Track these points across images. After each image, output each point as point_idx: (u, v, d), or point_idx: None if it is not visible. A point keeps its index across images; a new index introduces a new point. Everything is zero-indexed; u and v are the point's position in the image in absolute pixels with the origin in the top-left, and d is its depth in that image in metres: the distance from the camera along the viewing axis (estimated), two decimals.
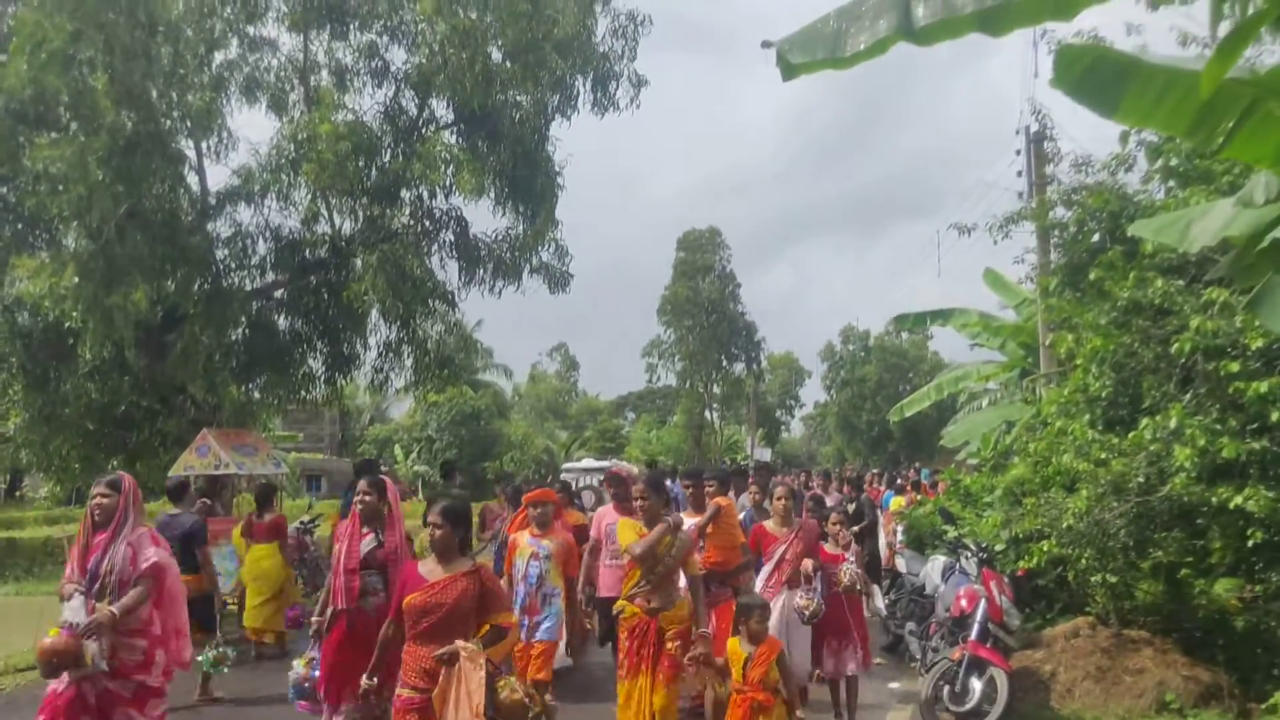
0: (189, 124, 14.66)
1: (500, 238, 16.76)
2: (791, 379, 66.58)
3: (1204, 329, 7.47)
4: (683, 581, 6.40)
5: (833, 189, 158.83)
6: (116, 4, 12.64)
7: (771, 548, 7.60)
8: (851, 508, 12.46)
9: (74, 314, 12.97)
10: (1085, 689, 8.12)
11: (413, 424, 45.75)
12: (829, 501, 11.62)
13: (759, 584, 7.52)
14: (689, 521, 7.18)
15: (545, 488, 9.14)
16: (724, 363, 51.77)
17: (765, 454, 53.31)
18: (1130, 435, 7.91)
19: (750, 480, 13.52)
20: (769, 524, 7.76)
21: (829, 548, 7.83)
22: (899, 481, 19.81)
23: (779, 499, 7.75)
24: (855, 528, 10.89)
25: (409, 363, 17.44)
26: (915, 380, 46.87)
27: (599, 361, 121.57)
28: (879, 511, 15.84)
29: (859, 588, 7.64)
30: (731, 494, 9.45)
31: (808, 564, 7.39)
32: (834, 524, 8.03)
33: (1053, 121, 14.17)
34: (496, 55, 15.22)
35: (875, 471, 24.41)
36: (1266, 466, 7.14)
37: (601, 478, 16.65)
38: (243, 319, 15.78)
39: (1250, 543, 7.07)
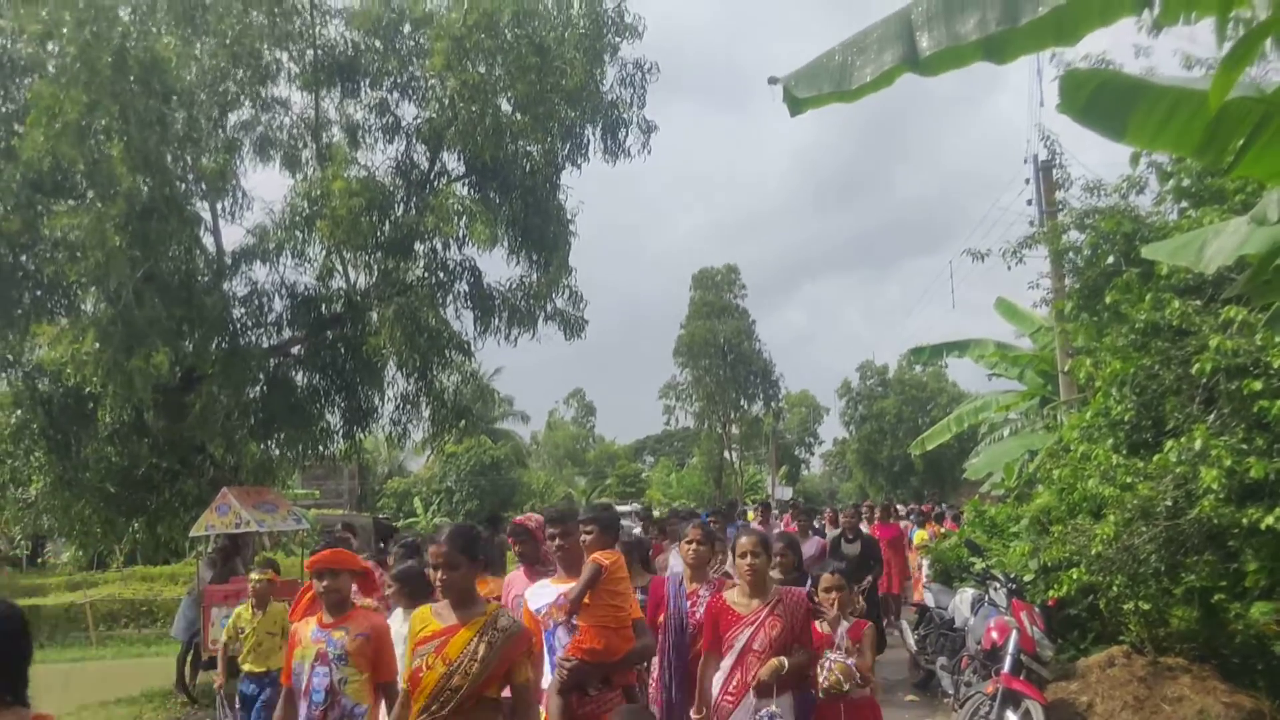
0: (203, 186, 14.86)
1: (514, 286, 16.86)
2: (809, 416, 66.36)
3: (1224, 348, 7.40)
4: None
5: (843, 228, 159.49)
6: (131, 73, 12.86)
7: (732, 632, 5.08)
8: (853, 549, 11.71)
9: (94, 379, 13.06)
10: (1124, 719, 7.98)
11: (431, 476, 45.75)
12: (810, 546, 10.51)
13: (715, 687, 5.08)
14: (549, 590, 5.10)
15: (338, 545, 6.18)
16: (742, 402, 51.69)
17: (787, 492, 53.01)
18: (1155, 458, 7.83)
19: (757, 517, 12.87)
20: (731, 595, 5.24)
21: (821, 626, 5.43)
22: (929, 514, 19.72)
23: (744, 553, 5.15)
24: (861, 586, 10.33)
25: (426, 414, 17.46)
26: (934, 413, 46.61)
27: (616, 406, 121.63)
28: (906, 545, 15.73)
29: (854, 684, 5.17)
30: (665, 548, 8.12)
31: (774, 665, 4.92)
32: (826, 590, 5.56)
33: (1061, 148, 14.20)
34: (506, 107, 15.42)
35: (897, 505, 24.06)
36: None
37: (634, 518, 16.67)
38: (260, 377, 15.86)
39: None
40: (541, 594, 5.13)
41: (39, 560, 36.40)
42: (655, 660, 5.73)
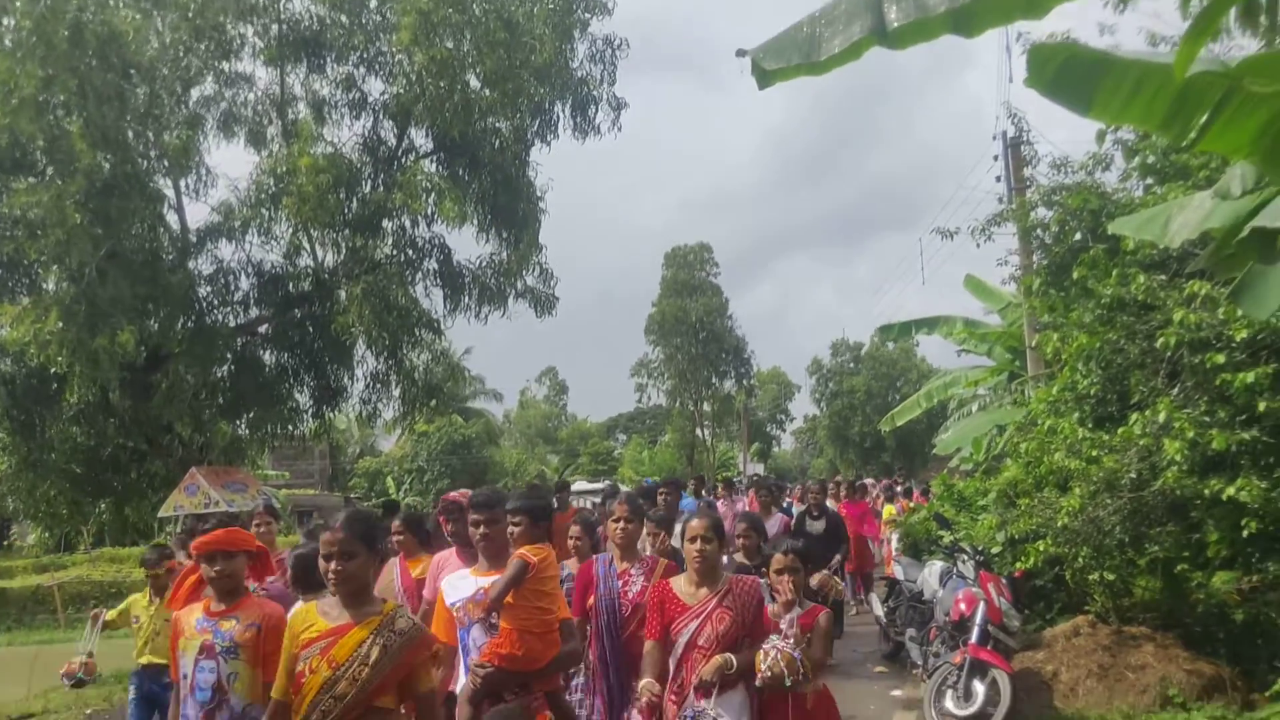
0: (166, 163, 14.68)
1: (484, 264, 16.81)
2: (780, 394, 66.65)
3: (1188, 322, 7.49)
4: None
5: (814, 206, 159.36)
6: (88, 47, 12.65)
7: (678, 625, 4.50)
8: (818, 525, 11.17)
9: (59, 358, 12.91)
10: (1088, 687, 8.10)
11: (403, 455, 45.58)
12: (773, 524, 9.97)
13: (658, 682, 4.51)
14: (468, 582, 4.52)
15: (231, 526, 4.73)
16: (714, 380, 51.82)
17: (758, 469, 53.29)
18: (1120, 431, 7.92)
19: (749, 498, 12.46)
20: (678, 583, 4.65)
21: (771, 611, 4.69)
22: (897, 489, 19.88)
23: (693, 537, 4.58)
24: (832, 566, 9.92)
25: (397, 393, 17.42)
26: (904, 389, 46.94)
27: (588, 384, 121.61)
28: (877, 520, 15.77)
29: (796, 679, 4.36)
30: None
31: (717, 663, 4.35)
32: (778, 571, 4.76)
33: (1028, 125, 14.29)
34: (475, 83, 15.30)
35: (870, 481, 24.12)
36: (1257, 456, 7.15)
37: (598, 499, 16.49)
38: (228, 356, 15.74)
39: (1245, 534, 7.07)
40: (460, 586, 4.55)
41: (5, 543, 36.05)
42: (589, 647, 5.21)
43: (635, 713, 4.64)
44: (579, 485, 35.15)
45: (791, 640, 4.49)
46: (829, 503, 13.22)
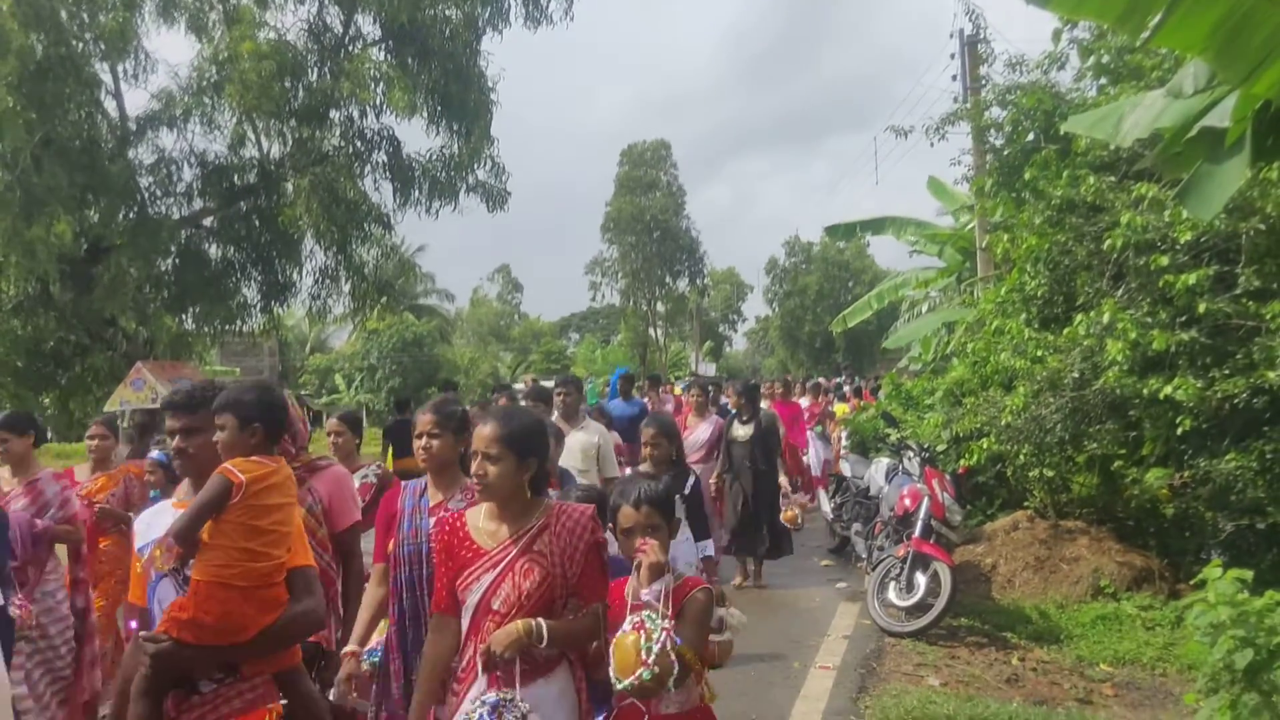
0: (103, 46, 14.07)
1: (435, 157, 16.43)
2: (734, 294, 66.80)
3: (1134, 224, 7.58)
4: None
5: (770, 104, 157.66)
6: None
7: (467, 578, 3.03)
8: (745, 431, 9.50)
9: None
10: (1025, 579, 8.40)
11: (354, 353, 45.23)
12: (704, 429, 9.57)
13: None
14: (165, 517, 3.21)
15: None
16: (667, 279, 51.74)
17: (710, 369, 53.68)
18: (1065, 331, 8.06)
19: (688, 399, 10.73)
20: (474, 516, 3.14)
21: (629, 585, 3.10)
22: (845, 390, 20.09)
23: (475, 451, 3.06)
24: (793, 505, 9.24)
25: (346, 289, 17.18)
26: (856, 290, 47.19)
27: (542, 284, 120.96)
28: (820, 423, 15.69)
29: (672, 677, 2.85)
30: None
31: (513, 632, 2.85)
32: (626, 530, 3.21)
33: (986, 22, 14.11)
34: None
35: (823, 380, 24.13)
36: (1194, 357, 7.32)
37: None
38: (172, 248, 15.39)
39: (1180, 431, 7.28)
40: (154, 524, 3.24)
41: None
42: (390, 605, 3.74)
43: None
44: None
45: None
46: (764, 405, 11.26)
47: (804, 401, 16.10)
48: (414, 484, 3.88)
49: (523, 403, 7.73)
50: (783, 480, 9.50)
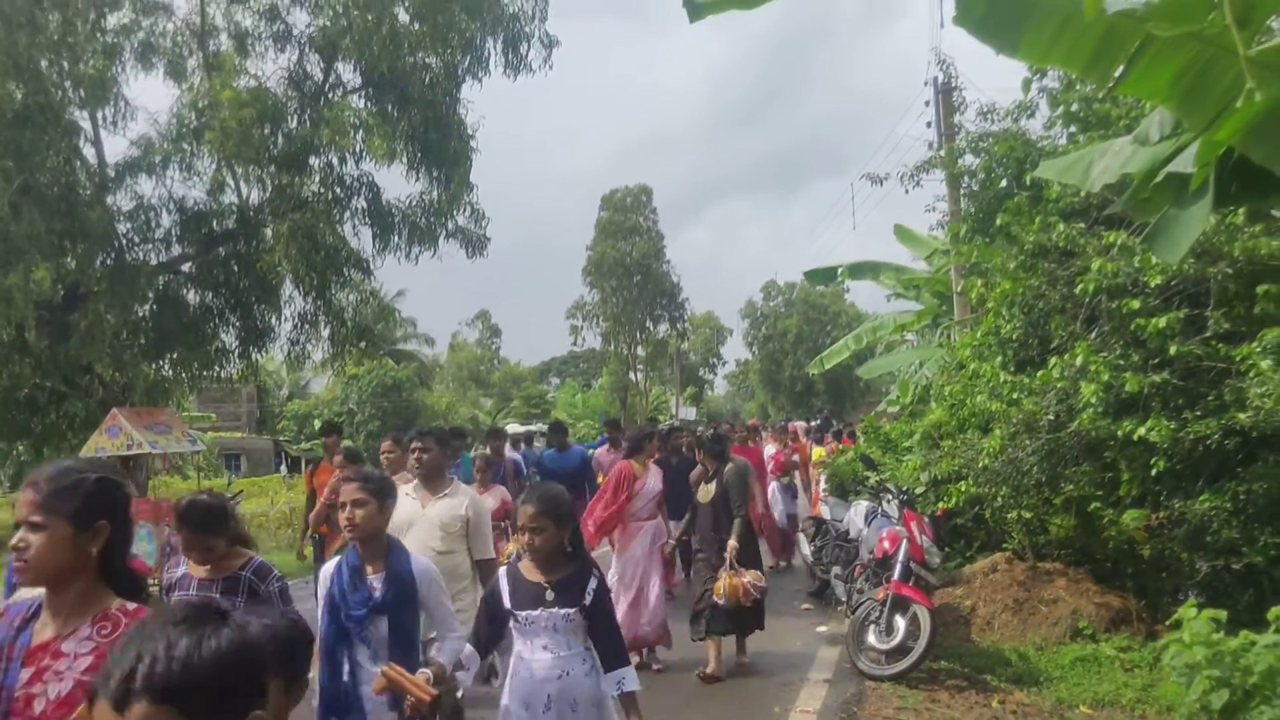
0: (82, 93, 14.11)
1: (414, 203, 16.49)
2: (713, 337, 67.01)
3: (1105, 269, 7.70)
4: None
5: (750, 152, 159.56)
6: None
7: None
8: (709, 490, 8.18)
9: None
10: (1004, 621, 8.41)
11: (333, 398, 45.03)
12: (645, 484, 8.36)
13: None
14: None
15: None
16: (648, 324, 51.90)
17: (690, 413, 53.69)
18: (1040, 374, 8.13)
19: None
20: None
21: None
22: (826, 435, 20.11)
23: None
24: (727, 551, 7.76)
25: (326, 334, 17.12)
26: (835, 333, 47.47)
27: (522, 329, 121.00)
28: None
29: None
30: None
31: None
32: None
33: (957, 71, 14.41)
34: (404, 16, 14.92)
35: (801, 425, 24.13)
36: (1167, 399, 7.39)
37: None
38: (149, 294, 15.33)
39: (1154, 472, 7.34)
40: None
41: None
42: None
43: None
44: (511, 429, 34.99)
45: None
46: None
47: (770, 449, 14.40)
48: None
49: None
50: (731, 544, 7.82)
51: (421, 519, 5.40)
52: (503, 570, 3.97)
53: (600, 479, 10.15)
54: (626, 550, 8.43)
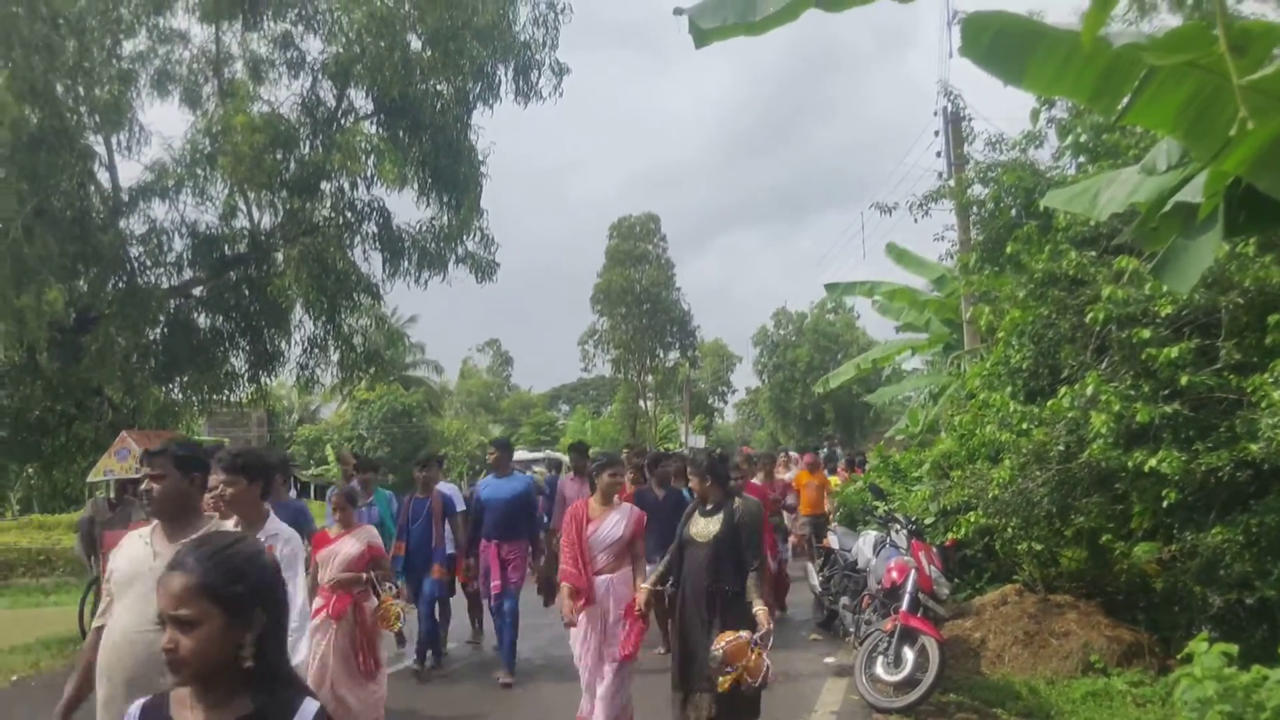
0: (97, 118, 14.20)
1: (425, 228, 16.52)
2: (722, 366, 66.94)
3: (1116, 298, 7.66)
4: None
5: (759, 182, 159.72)
6: None
7: None
8: (710, 526, 6.16)
9: None
10: (1014, 653, 8.31)
11: (343, 423, 45.07)
12: (609, 522, 6.42)
13: None
14: None
15: None
16: (658, 351, 51.91)
17: (699, 441, 53.53)
18: (1049, 404, 8.08)
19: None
20: None
21: None
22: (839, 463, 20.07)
23: None
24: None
25: (335, 359, 17.12)
26: (844, 361, 47.39)
27: (532, 355, 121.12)
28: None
29: None
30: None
31: None
32: None
33: (965, 102, 14.47)
34: (416, 43, 15.02)
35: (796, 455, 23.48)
36: (1178, 429, 7.34)
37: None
38: (160, 318, 15.37)
39: (1165, 504, 7.27)
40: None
41: None
42: None
43: None
44: (519, 455, 34.97)
45: None
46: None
47: (755, 482, 11.78)
48: None
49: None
50: (762, 611, 5.80)
51: (150, 574, 3.32)
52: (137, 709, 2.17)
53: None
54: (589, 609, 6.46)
